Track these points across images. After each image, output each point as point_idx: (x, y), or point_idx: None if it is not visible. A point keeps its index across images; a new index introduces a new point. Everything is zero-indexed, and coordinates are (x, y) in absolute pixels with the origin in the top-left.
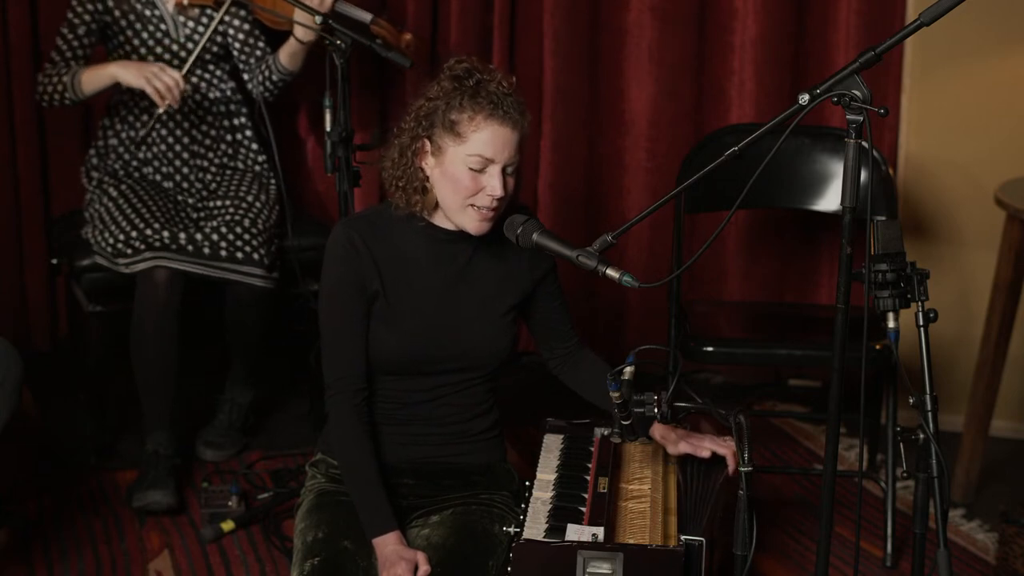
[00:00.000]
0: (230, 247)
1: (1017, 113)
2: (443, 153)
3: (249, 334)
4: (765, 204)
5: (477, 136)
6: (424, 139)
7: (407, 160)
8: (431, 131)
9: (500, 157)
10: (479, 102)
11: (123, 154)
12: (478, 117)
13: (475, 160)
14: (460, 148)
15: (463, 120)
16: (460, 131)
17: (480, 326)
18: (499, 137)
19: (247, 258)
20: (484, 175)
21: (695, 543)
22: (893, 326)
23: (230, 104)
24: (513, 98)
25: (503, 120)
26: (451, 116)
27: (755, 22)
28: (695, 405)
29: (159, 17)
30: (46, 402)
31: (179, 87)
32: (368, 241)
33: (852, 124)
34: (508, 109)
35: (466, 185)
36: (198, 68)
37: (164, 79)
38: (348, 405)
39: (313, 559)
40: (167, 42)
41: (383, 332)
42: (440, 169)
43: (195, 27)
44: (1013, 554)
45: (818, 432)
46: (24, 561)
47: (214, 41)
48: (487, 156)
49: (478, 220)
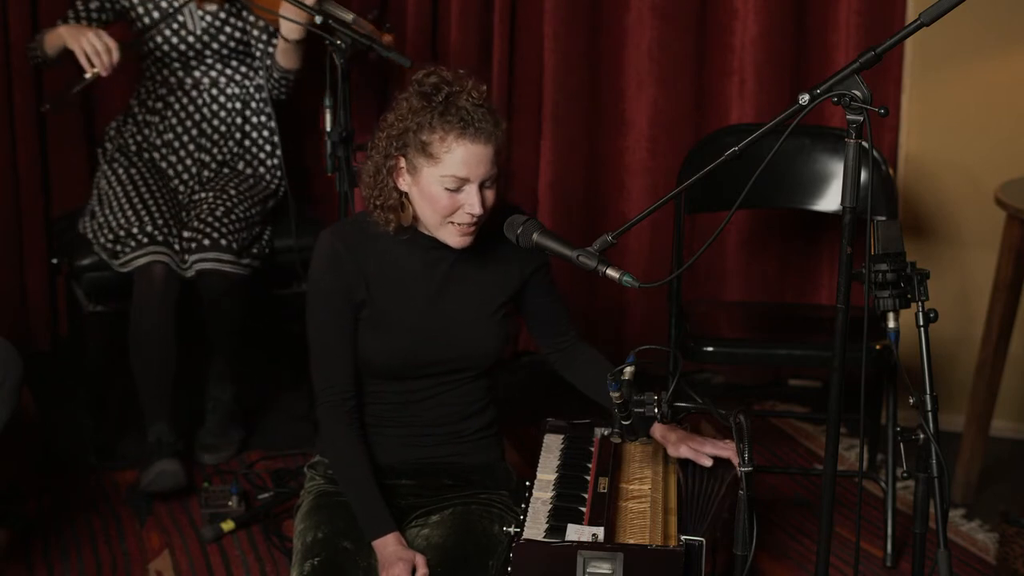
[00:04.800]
0: (198, 235)
1: (1017, 113)
2: (418, 172)
3: (224, 323)
4: (765, 204)
5: (450, 157)
6: (399, 157)
7: (382, 178)
8: (404, 150)
9: (475, 175)
10: (449, 120)
11: (143, 128)
12: (449, 137)
13: (450, 180)
14: (434, 169)
15: (434, 141)
16: (432, 152)
17: (469, 326)
18: (472, 156)
19: (214, 244)
20: (461, 193)
21: (695, 543)
22: (893, 326)
23: (250, 102)
24: (485, 108)
25: (475, 137)
26: (422, 137)
27: (755, 22)
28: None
29: (177, 7)
30: (46, 402)
31: (110, 54)
32: (353, 249)
33: (852, 124)
34: (480, 124)
35: (444, 204)
36: (217, 63)
37: (95, 42)
38: (338, 412)
39: (313, 559)
40: (183, 33)
41: (371, 338)
42: (417, 188)
43: (212, 20)
44: (1013, 554)
45: (818, 432)
46: (24, 561)
47: (231, 37)
48: (462, 176)
49: (458, 235)
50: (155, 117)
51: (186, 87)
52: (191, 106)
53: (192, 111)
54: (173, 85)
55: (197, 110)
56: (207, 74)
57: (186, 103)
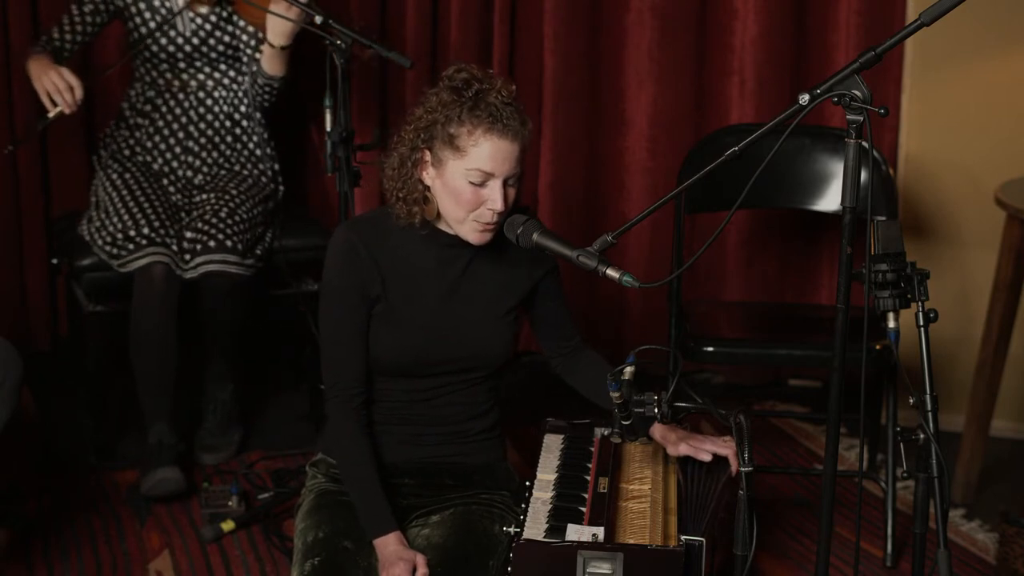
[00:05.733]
0: (203, 236)
1: (1017, 113)
2: (443, 165)
3: (224, 324)
4: (765, 204)
5: (477, 150)
6: (424, 150)
7: (407, 171)
8: (431, 143)
9: (500, 171)
10: (478, 115)
11: (134, 131)
12: (477, 131)
13: (475, 174)
14: (460, 162)
15: (462, 134)
16: (459, 145)
17: (480, 328)
18: (499, 151)
19: (220, 245)
20: (485, 189)
21: (695, 543)
22: (893, 326)
23: (239, 106)
24: (513, 107)
25: (503, 133)
26: (450, 130)
27: (755, 22)
28: (695, 405)
29: (169, 9)
30: (46, 402)
31: (72, 92)
32: (369, 245)
33: (852, 124)
34: (508, 121)
35: (467, 199)
36: (206, 67)
37: (56, 81)
38: (347, 408)
39: (313, 559)
40: (173, 34)
41: (384, 335)
42: (441, 181)
43: (202, 24)
44: (1013, 554)
45: (818, 432)
46: (24, 561)
47: (220, 40)
48: (487, 170)
49: (479, 232)
50: (144, 120)
51: (174, 90)
52: (178, 109)
53: (179, 114)
54: (162, 87)
55: (184, 113)
56: (195, 77)
57: (173, 106)
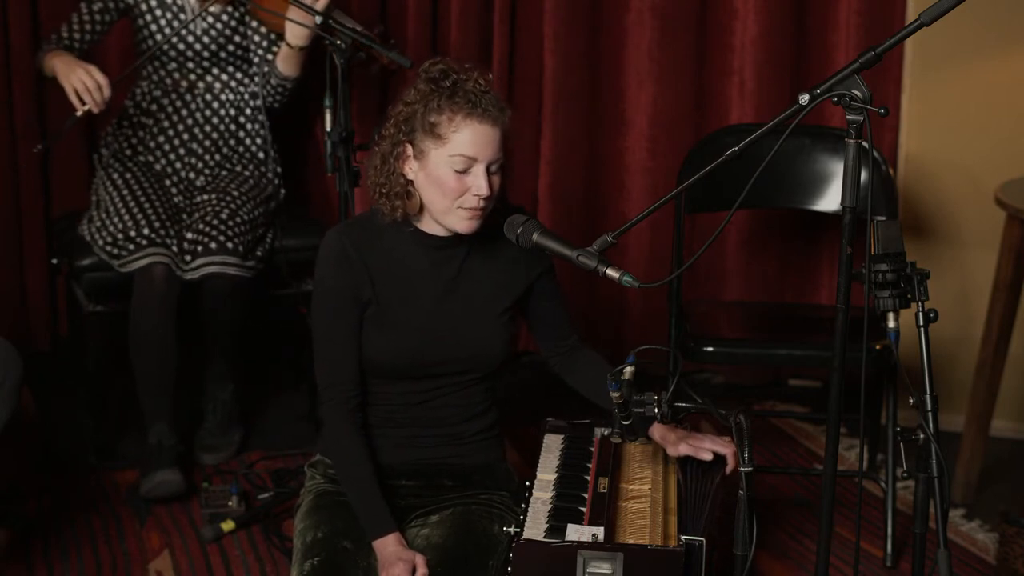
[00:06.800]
0: (204, 238)
1: (1017, 113)
2: (425, 156)
3: (225, 324)
4: (765, 204)
5: (458, 136)
6: (405, 143)
7: (389, 166)
8: (412, 135)
9: (483, 155)
10: (457, 102)
11: (137, 129)
12: (457, 117)
13: (458, 160)
14: (442, 150)
15: (442, 121)
16: (440, 133)
17: (476, 329)
18: (480, 135)
19: (220, 247)
20: (469, 175)
21: (695, 543)
22: (893, 326)
23: (245, 109)
24: (491, 95)
25: (482, 117)
26: (430, 118)
27: (755, 22)
28: (695, 405)
29: (180, 7)
30: (46, 402)
31: (101, 91)
32: (360, 248)
33: (852, 124)
34: (487, 106)
35: (452, 187)
36: (214, 68)
37: (85, 79)
38: (342, 411)
39: (313, 559)
40: (183, 33)
41: (377, 338)
42: (424, 172)
43: (213, 23)
44: (1013, 554)
45: (818, 432)
46: (24, 561)
47: (231, 40)
48: (470, 155)
49: (467, 219)
50: (149, 119)
51: (181, 90)
52: (184, 110)
53: (185, 115)
54: (168, 87)
55: (190, 114)
56: (203, 78)
57: (179, 106)
